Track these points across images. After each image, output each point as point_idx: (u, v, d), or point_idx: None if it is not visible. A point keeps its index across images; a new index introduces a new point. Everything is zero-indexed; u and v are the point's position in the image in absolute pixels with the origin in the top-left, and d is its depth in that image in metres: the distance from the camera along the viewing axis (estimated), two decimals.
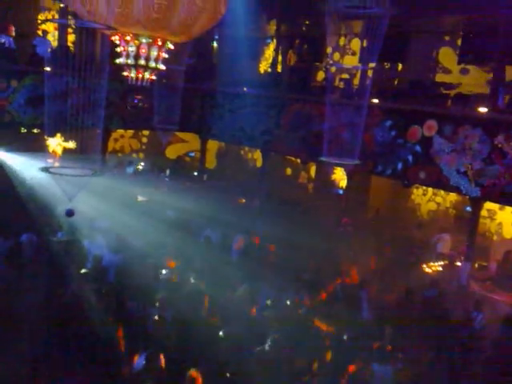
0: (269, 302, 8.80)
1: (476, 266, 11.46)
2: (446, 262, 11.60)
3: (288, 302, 8.71)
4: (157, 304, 8.25)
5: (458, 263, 11.44)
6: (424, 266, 11.37)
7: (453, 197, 14.59)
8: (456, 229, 13.42)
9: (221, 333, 7.43)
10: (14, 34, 13.56)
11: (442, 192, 14.55)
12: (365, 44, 13.02)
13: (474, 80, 13.34)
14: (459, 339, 7.97)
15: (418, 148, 11.14)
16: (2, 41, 13.42)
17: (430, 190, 15.09)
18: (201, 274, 9.47)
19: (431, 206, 15.47)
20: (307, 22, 16.20)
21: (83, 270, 9.05)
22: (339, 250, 11.45)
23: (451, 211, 14.96)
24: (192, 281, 9.32)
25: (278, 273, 9.63)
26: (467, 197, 10.80)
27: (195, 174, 17.85)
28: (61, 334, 7.21)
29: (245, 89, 15.50)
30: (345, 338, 7.77)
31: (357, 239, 12.11)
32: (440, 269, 11.38)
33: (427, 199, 15.54)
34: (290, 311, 8.54)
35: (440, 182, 10.95)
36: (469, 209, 11.61)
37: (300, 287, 9.09)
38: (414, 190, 15.50)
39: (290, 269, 9.88)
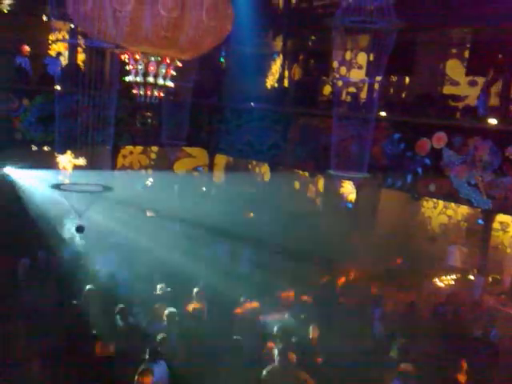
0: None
1: (489, 279, 11.33)
2: (459, 275, 11.47)
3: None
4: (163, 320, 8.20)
5: (471, 277, 11.32)
6: (436, 279, 11.26)
7: (464, 209, 14.47)
8: (468, 242, 13.29)
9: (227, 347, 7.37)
10: (27, 54, 13.79)
11: (453, 205, 14.45)
12: (371, 58, 13.07)
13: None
14: (475, 354, 7.84)
15: (427, 160, 11.10)
16: (18, 61, 13.65)
17: (441, 202, 14.98)
18: (208, 289, 9.43)
19: (442, 219, 15.35)
20: (313, 37, 16.32)
21: (92, 287, 9.03)
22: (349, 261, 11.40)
23: (463, 224, 14.82)
24: (195, 296, 9.26)
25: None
26: (479, 209, 10.71)
27: (203, 188, 17.88)
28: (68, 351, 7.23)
29: (252, 104, 15.59)
30: (359, 353, 7.68)
31: (368, 254, 12.03)
32: (452, 283, 11.25)
33: (438, 212, 15.43)
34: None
35: (451, 195, 10.88)
36: (481, 221, 11.51)
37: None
38: (425, 203, 15.40)
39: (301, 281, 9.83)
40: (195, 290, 9.23)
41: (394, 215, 15.05)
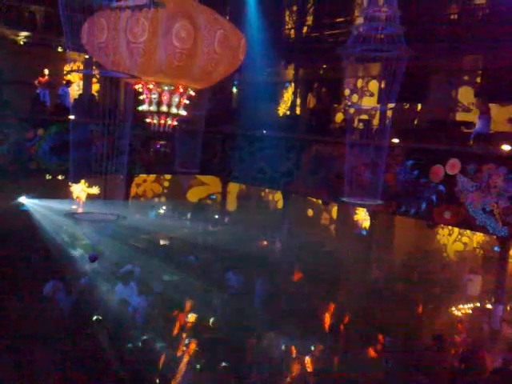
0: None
1: (508, 308, 11.06)
2: (477, 304, 11.22)
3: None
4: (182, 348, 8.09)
5: (489, 306, 11.06)
6: (453, 309, 11.01)
7: (480, 237, 14.26)
8: (485, 270, 13.04)
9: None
10: (43, 85, 14.10)
11: (469, 232, 14.25)
12: (383, 85, 13.13)
13: (495, 118, 13.25)
14: None
15: (441, 187, 10.98)
16: (34, 92, 13.94)
17: (456, 230, 14.79)
18: (222, 319, 9.32)
19: (458, 247, 15.13)
20: (325, 66, 16.48)
21: (105, 316, 8.97)
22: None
23: (479, 251, 14.59)
24: (212, 325, 9.16)
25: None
26: (495, 236, 10.54)
27: (216, 216, 17.88)
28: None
29: (264, 131, 15.67)
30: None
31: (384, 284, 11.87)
32: (470, 312, 10.99)
33: (453, 239, 15.23)
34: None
35: (466, 222, 10.72)
36: (497, 249, 11.30)
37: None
38: (440, 231, 15.21)
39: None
40: (211, 320, 9.15)
41: (408, 243, 14.89)
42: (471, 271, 12.86)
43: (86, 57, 14.80)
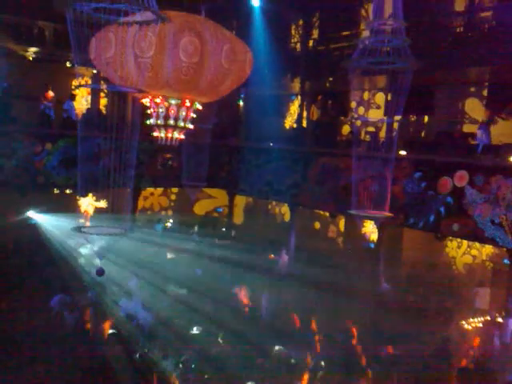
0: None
1: None
2: (487, 318, 11.07)
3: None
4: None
5: (500, 319, 10.91)
6: (463, 322, 10.87)
7: (489, 249, 14.11)
8: (494, 282, 12.89)
9: None
10: (51, 100, 14.21)
11: (478, 244, 14.11)
12: (389, 98, 13.12)
13: (503, 130, 13.20)
14: None
15: (449, 199, 10.92)
16: (42, 107, 14.06)
17: (465, 242, 14.64)
18: (229, 335, 9.25)
19: (467, 259, 14.98)
20: (331, 79, 16.52)
21: (113, 331, 8.94)
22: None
23: (488, 264, 14.43)
24: (220, 341, 9.11)
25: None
26: (504, 248, 10.43)
27: (223, 229, 17.84)
28: None
29: (271, 144, 15.68)
30: None
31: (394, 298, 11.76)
32: (480, 325, 10.85)
33: (462, 252, 15.08)
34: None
35: (475, 234, 10.63)
36: (507, 261, 11.19)
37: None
38: (448, 243, 15.08)
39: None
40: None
41: (417, 255, 14.75)
42: (481, 284, 12.73)
43: (94, 71, 14.91)
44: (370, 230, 16.14)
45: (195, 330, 9.41)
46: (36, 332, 9.16)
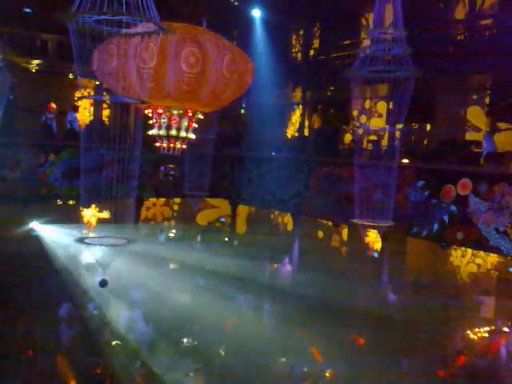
0: None
1: None
2: (492, 327, 10.97)
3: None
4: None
5: (506, 329, 10.81)
6: (469, 332, 10.78)
7: (494, 258, 14.01)
8: (500, 292, 12.78)
9: None
10: (54, 111, 14.26)
11: (482, 253, 14.02)
12: (391, 106, 13.13)
13: (505, 138, 13.17)
14: None
15: (453, 208, 10.86)
16: (44, 118, 14.11)
17: (469, 251, 14.55)
18: (234, 346, 9.20)
19: (471, 268, 14.87)
20: (332, 87, 16.55)
21: (115, 342, 8.90)
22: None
23: (493, 273, 14.32)
24: (223, 353, 9.05)
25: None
26: (509, 257, 10.36)
27: (226, 239, 17.80)
28: None
29: (273, 153, 15.67)
30: None
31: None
32: (486, 335, 10.75)
33: (467, 261, 14.98)
34: None
35: (479, 243, 10.55)
36: None
37: None
38: (453, 252, 14.99)
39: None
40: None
41: (421, 265, 14.68)
42: (486, 293, 12.63)
43: (97, 83, 14.98)
44: (374, 239, 16.10)
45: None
46: (38, 343, 9.12)
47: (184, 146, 9.53)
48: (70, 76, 15.91)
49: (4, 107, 9.18)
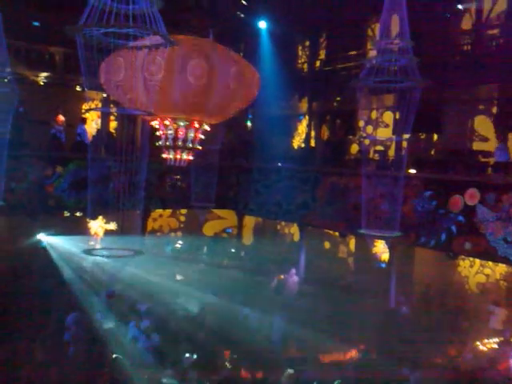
0: None
1: None
2: (501, 339, 10.84)
3: None
4: None
5: None
6: (478, 343, 10.65)
7: (502, 268, 13.88)
8: (509, 302, 12.65)
9: None
10: (62, 123, 14.36)
11: (491, 263, 13.89)
12: (397, 116, 13.12)
13: None
14: None
15: (461, 218, 10.80)
16: (53, 131, 14.21)
17: (478, 261, 14.43)
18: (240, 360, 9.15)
19: (480, 279, 14.73)
20: (338, 98, 16.59)
21: (122, 353, 8.86)
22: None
23: (502, 283, 14.18)
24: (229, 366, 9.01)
25: None
26: None
27: (232, 250, 17.76)
28: None
29: (279, 164, 15.68)
30: None
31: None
32: (495, 346, 10.61)
33: (475, 271, 14.85)
34: None
35: (487, 253, 10.47)
36: None
37: None
38: (461, 262, 14.87)
39: None
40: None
41: (429, 275, 14.56)
42: (495, 304, 12.49)
43: (104, 95, 15.09)
44: (381, 249, 16.02)
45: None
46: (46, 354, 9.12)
47: (190, 157, 9.55)
48: (78, 88, 16.03)
49: (13, 120, 9.24)
